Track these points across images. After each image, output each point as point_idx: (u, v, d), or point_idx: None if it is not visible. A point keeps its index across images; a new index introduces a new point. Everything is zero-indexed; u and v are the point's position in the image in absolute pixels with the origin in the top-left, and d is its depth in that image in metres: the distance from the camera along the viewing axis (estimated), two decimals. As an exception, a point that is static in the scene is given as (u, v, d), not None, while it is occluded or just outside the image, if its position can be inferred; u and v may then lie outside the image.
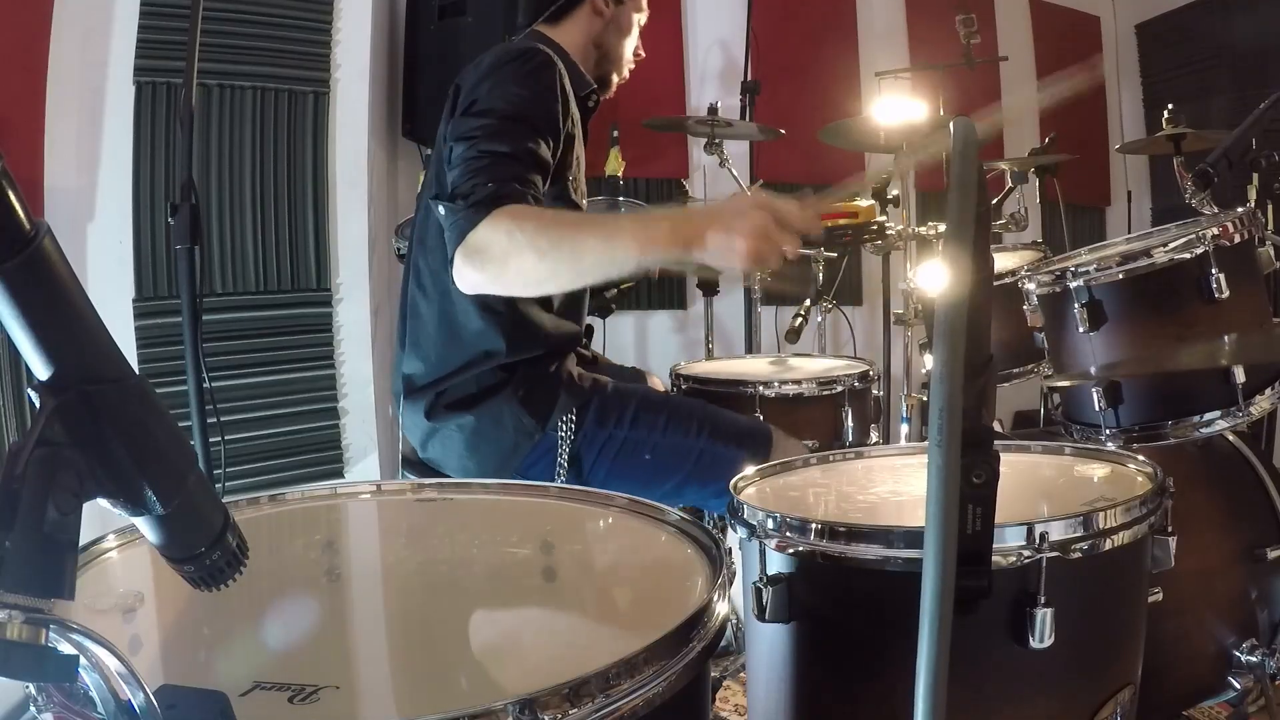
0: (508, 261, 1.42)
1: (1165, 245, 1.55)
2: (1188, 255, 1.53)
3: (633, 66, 1.92)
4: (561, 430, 1.64)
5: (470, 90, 1.60)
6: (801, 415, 2.02)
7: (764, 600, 1.04)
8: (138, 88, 2.66)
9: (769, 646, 1.12)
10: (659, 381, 2.14)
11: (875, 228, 2.63)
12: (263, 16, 2.84)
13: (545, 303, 1.70)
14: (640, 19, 1.89)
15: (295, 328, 2.96)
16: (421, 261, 1.72)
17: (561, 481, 1.63)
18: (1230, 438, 1.71)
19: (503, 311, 1.64)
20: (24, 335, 0.53)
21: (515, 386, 1.65)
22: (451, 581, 0.97)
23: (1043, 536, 0.96)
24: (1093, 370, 1.60)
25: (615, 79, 1.91)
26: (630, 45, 1.89)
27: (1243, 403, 1.53)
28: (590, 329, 2.04)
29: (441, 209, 1.52)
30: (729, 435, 1.67)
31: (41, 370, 0.54)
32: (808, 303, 2.75)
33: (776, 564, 1.07)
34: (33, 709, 0.65)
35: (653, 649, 0.69)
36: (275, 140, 2.89)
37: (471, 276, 1.45)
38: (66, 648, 0.53)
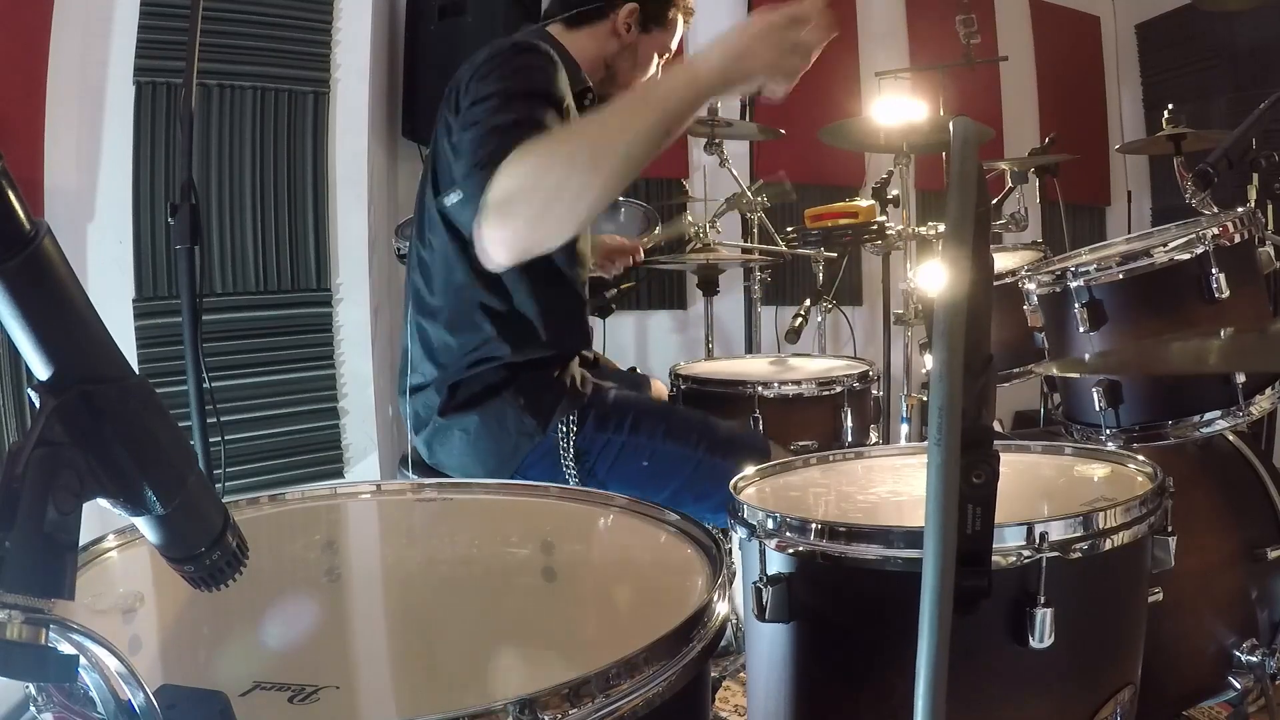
0: (537, 187, 1.24)
1: (1165, 245, 1.55)
2: (1188, 255, 1.53)
3: None
4: (561, 432, 1.65)
5: (469, 84, 1.58)
6: (801, 415, 2.02)
7: (764, 600, 1.04)
8: (138, 88, 2.66)
9: (769, 646, 1.12)
10: (661, 386, 2.14)
11: (875, 227, 2.64)
12: (263, 16, 2.84)
13: (548, 310, 1.69)
14: (662, 56, 1.80)
15: (295, 328, 2.96)
16: (428, 257, 1.71)
17: (575, 483, 1.63)
18: (1230, 438, 1.71)
19: (506, 316, 1.65)
20: (24, 335, 0.53)
21: (518, 388, 1.65)
22: (451, 581, 0.97)
23: (1043, 536, 0.96)
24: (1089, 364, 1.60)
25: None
26: (644, 79, 1.78)
27: (1243, 403, 1.53)
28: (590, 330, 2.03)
29: (450, 197, 1.48)
30: (726, 448, 1.67)
31: (41, 370, 0.54)
32: (808, 302, 2.75)
33: (776, 564, 1.07)
34: (33, 709, 0.65)
35: (653, 649, 0.68)
36: (275, 140, 2.89)
37: (502, 235, 1.26)
38: (66, 648, 0.52)
